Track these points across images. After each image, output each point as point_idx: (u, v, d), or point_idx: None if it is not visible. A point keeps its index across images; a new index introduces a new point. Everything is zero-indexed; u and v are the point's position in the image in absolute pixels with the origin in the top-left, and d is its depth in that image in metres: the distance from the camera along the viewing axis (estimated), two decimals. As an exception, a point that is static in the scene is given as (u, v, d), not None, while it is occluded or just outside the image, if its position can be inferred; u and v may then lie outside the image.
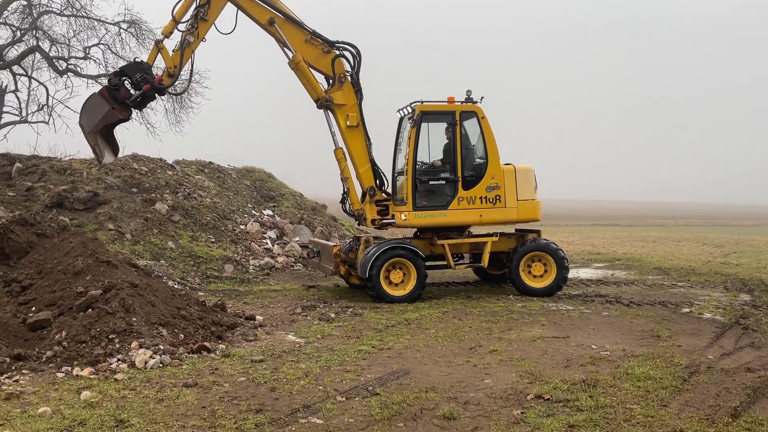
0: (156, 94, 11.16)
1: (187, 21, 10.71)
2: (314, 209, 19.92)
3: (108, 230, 13.33)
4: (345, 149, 11.60)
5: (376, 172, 11.74)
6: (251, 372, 6.50)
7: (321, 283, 13.37)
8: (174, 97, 23.20)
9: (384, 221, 11.53)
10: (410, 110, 11.52)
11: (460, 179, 11.26)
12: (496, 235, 11.79)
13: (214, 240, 14.95)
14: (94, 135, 10.26)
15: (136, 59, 10.97)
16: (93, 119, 10.24)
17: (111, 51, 22.30)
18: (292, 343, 7.88)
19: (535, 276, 11.52)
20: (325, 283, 13.27)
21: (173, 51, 10.77)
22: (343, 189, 11.83)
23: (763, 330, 8.53)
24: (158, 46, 10.77)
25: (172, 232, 14.36)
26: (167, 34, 10.78)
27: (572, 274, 13.99)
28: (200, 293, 11.27)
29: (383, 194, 11.73)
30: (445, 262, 11.56)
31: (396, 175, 12.02)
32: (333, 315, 9.64)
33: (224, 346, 7.49)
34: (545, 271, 11.51)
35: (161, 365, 6.57)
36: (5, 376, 6.09)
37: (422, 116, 11.24)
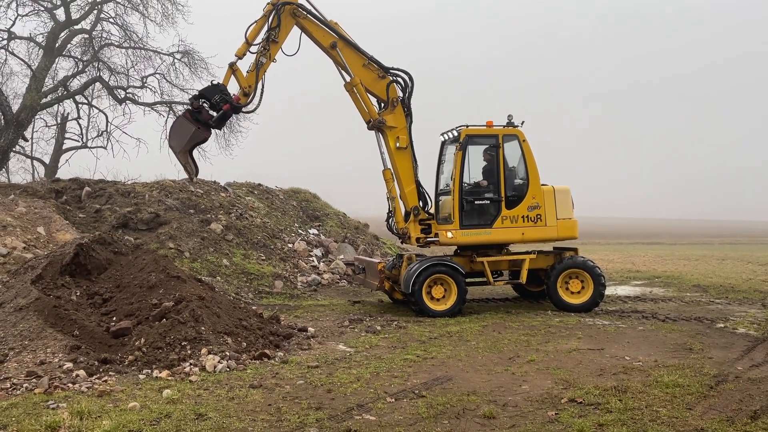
0: (233, 113, 11.87)
1: (259, 43, 11.48)
2: (357, 228, 20.69)
3: (168, 249, 14.32)
4: (393, 170, 12.31)
5: (421, 192, 12.44)
6: (308, 376, 7.19)
7: (366, 298, 14.04)
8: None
9: (428, 239, 12.16)
10: (456, 134, 12.18)
11: (503, 199, 11.88)
12: (534, 253, 12.30)
13: (264, 258, 15.80)
14: (184, 154, 11.15)
15: (213, 82, 11.53)
16: (182, 140, 11.06)
17: (166, 80, 23.74)
18: (343, 352, 8.56)
19: (572, 292, 11.95)
20: (369, 299, 13.93)
21: (247, 72, 11.41)
22: (389, 208, 12.54)
23: (795, 344, 8.81)
24: (232, 68, 11.30)
25: (227, 251, 15.28)
26: (240, 56, 11.38)
27: (610, 291, 14.32)
28: (254, 307, 12.06)
29: (426, 214, 12.38)
30: (484, 279, 12.11)
31: (439, 195, 12.66)
32: (379, 327, 10.29)
33: (282, 354, 8.21)
34: (582, 287, 11.93)
35: (228, 369, 7.32)
36: (95, 377, 6.92)
37: (468, 140, 11.90)
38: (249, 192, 19.62)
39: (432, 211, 12.51)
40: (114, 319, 8.17)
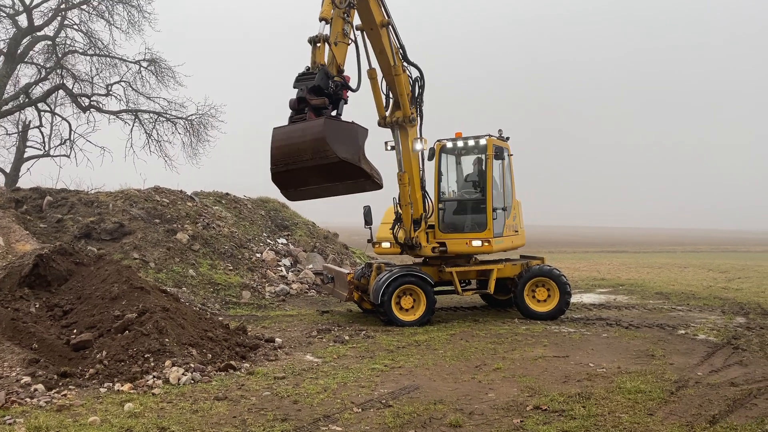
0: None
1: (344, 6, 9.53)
2: (326, 238, 20.62)
3: (133, 259, 14.06)
4: (409, 174, 11.52)
5: (425, 199, 11.88)
6: (275, 387, 7.13)
7: (334, 308, 13.99)
8: (191, 131, 24.27)
9: (441, 249, 11.87)
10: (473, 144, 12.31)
11: (505, 209, 12.28)
12: (502, 262, 12.43)
13: (232, 268, 15.63)
14: (365, 159, 8.61)
15: (321, 67, 8.80)
16: (353, 144, 8.40)
17: (132, 88, 23.46)
18: (310, 362, 8.50)
19: (539, 300, 12.09)
20: (338, 308, 13.88)
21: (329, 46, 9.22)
22: (398, 215, 11.85)
23: (752, 350, 9.06)
24: (317, 42, 9.03)
25: (193, 261, 15.08)
26: (328, 18, 9.23)
27: (576, 298, 14.52)
28: (220, 318, 11.91)
29: (424, 223, 11.95)
30: (453, 288, 12.18)
31: (443, 203, 12.40)
32: (347, 337, 10.25)
33: (248, 365, 8.12)
34: (549, 296, 12.09)
35: (193, 381, 7.21)
36: (54, 391, 6.74)
37: (495, 150, 12.04)
38: (216, 201, 19.42)
39: (431, 219, 12.02)
40: (75, 331, 7.98)
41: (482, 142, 12.12)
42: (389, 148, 11.83)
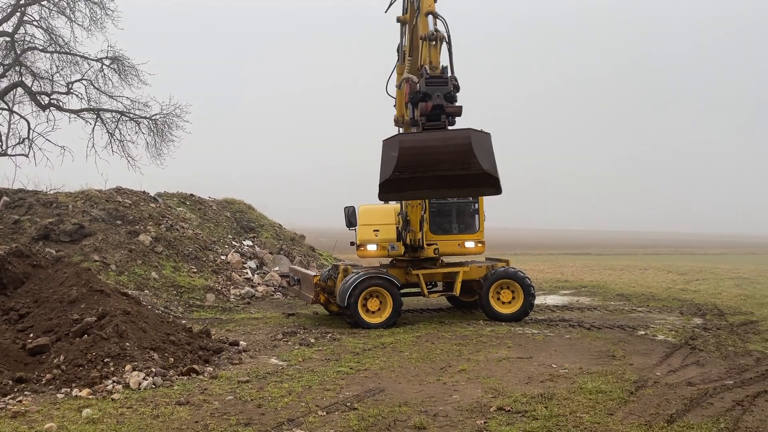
0: None
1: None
2: (293, 240, 20.51)
3: (93, 261, 13.75)
4: None
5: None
6: (238, 391, 7.04)
7: (300, 310, 13.90)
8: (154, 130, 23.86)
9: (437, 250, 12.08)
10: None
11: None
12: (468, 264, 12.52)
13: (196, 270, 15.42)
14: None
15: (445, 74, 8.30)
16: (491, 153, 8.14)
17: (93, 86, 22.91)
18: (275, 365, 8.43)
19: (503, 302, 12.21)
20: (304, 311, 13.80)
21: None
22: (407, 217, 11.72)
23: (709, 350, 9.31)
24: (446, 42, 8.52)
25: (156, 263, 14.82)
26: (435, 13, 8.76)
27: (539, 300, 14.71)
28: (183, 321, 11.73)
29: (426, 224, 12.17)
30: (419, 290, 12.22)
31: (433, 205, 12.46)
32: (313, 340, 10.19)
33: (212, 369, 8.01)
34: (513, 297, 12.22)
35: (154, 386, 7.08)
36: (9, 397, 6.55)
37: None
38: (180, 202, 19.14)
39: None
40: (31, 335, 7.76)
41: None
42: None
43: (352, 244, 12.24)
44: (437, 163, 7.95)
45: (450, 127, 8.27)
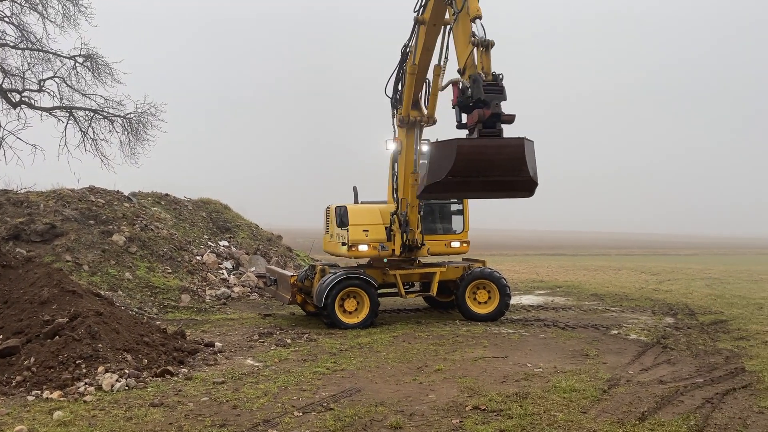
0: None
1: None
2: (270, 240, 20.38)
3: (65, 262, 13.52)
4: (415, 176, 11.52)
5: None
6: (213, 392, 6.98)
7: (277, 311, 13.83)
8: (129, 129, 23.54)
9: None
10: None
11: None
12: (445, 265, 12.58)
13: (170, 271, 15.24)
14: None
15: (498, 81, 8.32)
16: (534, 161, 8.38)
17: (66, 84, 22.50)
18: (251, 366, 8.38)
19: (480, 302, 12.30)
20: (281, 312, 13.73)
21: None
22: (403, 218, 11.72)
23: (680, 349, 9.48)
24: (477, 47, 8.47)
25: (130, 263, 14.62)
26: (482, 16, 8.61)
27: (515, 300, 14.85)
28: (158, 322, 11.59)
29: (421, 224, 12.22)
30: (396, 290, 12.24)
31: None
32: (289, 341, 10.15)
33: (186, 370, 7.93)
34: (489, 297, 12.31)
35: (127, 388, 6.99)
36: (-23, 400, 6.41)
37: None
38: (155, 202, 18.90)
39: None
40: (0, 337, 7.60)
41: None
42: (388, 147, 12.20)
43: (344, 244, 12.07)
44: (490, 168, 8.13)
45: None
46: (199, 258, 16.60)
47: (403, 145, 11.66)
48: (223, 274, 16.51)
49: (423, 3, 10.67)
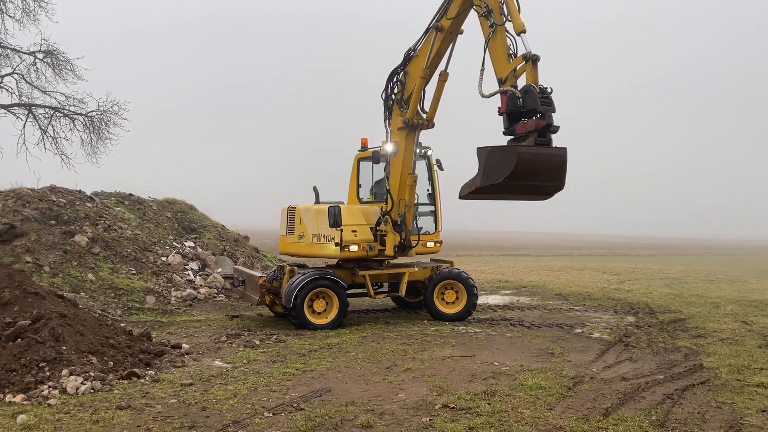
0: None
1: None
2: (236, 241, 20.18)
3: (25, 263, 13.17)
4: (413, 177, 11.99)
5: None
6: (182, 394, 6.92)
7: (244, 312, 13.73)
8: (91, 127, 23.06)
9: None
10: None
11: None
12: (413, 265, 12.68)
13: (135, 272, 14.98)
14: None
15: (548, 94, 8.90)
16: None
17: (26, 81, 21.96)
18: (219, 368, 8.32)
19: (447, 303, 12.44)
20: (248, 313, 13.63)
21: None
22: (401, 218, 11.87)
23: (641, 347, 9.76)
24: (534, 61, 9.02)
25: (92, 264, 14.32)
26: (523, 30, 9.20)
27: (482, 300, 15.03)
28: (122, 325, 11.39)
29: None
30: (365, 291, 12.28)
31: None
32: (258, 342, 10.10)
33: (153, 372, 7.83)
34: (457, 298, 12.46)
35: (93, 391, 6.87)
36: (-65, 405, 6.22)
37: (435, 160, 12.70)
38: (118, 202, 18.54)
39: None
40: (-41, 340, 7.39)
41: (429, 152, 12.72)
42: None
43: (336, 245, 11.93)
44: (538, 174, 8.92)
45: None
46: (164, 259, 16.36)
47: (401, 147, 11.77)
48: (188, 275, 16.30)
49: (444, 10, 10.92)
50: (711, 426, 5.92)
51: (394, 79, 11.91)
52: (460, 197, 9.87)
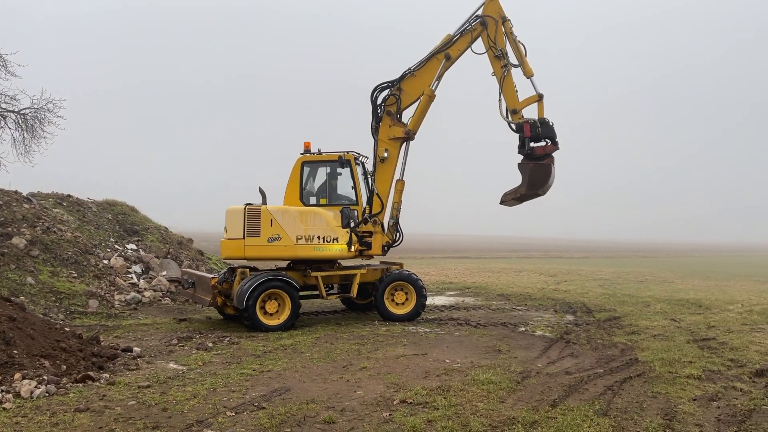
0: None
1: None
2: (180, 243, 19.88)
3: (-41, 266, 12.63)
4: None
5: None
6: (140, 396, 6.91)
7: (192, 315, 13.61)
8: (23, 125, 22.16)
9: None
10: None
11: None
12: (364, 267, 12.91)
13: (76, 275, 14.58)
14: None
15: (546, 121, 12.23)
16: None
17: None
18: (175, 370, 8.31)
19: (397, 303, 12.74)
20: (196, 316, 13.52)
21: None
22: (395, 220, 13.27)
23: (581, 343, 10.34)
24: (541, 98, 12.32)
25: (32, 268, 13.86)
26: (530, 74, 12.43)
27: (429, 301, 15.42)
28: (67, 329, 11.11)
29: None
30: (316, 292, 12.43)
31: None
32: (210, 344, 10.10)
33: (108, 375, 7.75)
34: (406, 299, 12.78)
35: (48, 394, 6.77)
36: None
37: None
38: (57, 204, 17.96)
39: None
40: None
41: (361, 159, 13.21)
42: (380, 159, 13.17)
43: (346, 245, 12.28)
44: (542, 186, 12.31)
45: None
46: (105, 262, 15.98)
47: (392, 155, 13.07)
48: (132, 278, 15.99)
49: (454, 42, 12.94)
50: (649, 414, 6.42)
51: (386, 93, 13.09)
52: (501, 203, 12.71)
